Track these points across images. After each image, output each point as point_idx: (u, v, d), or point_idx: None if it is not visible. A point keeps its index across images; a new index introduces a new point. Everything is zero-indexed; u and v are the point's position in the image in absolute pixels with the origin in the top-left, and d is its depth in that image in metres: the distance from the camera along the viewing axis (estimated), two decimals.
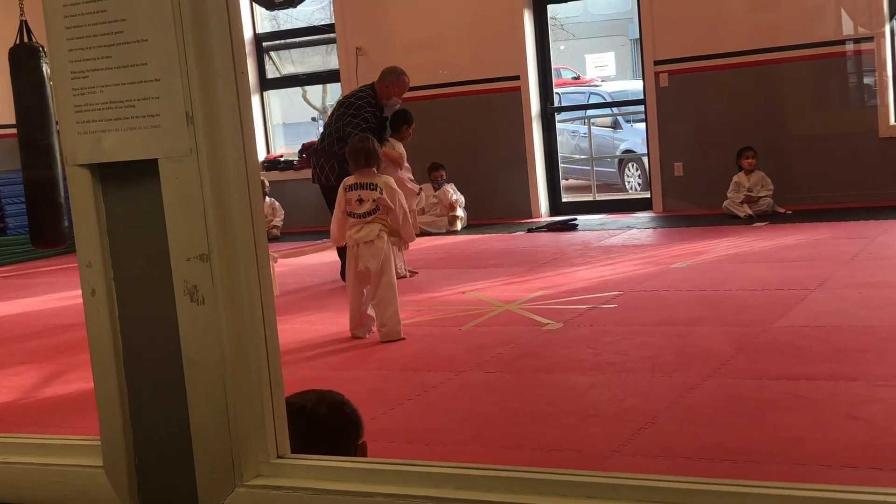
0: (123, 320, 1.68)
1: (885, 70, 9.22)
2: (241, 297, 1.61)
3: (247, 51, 11.76)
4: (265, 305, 1.65)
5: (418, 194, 7.73)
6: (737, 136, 9.48)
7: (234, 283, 1.60)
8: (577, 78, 17.01)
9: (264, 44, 12.19)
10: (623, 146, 13.78)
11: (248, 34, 12.01)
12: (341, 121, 7.50)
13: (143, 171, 1.61)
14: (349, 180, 5.75)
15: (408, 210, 5.91)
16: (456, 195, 10.31)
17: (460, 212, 10.28)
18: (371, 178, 5.68)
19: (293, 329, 6.24)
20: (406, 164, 7.68)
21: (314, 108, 18.80)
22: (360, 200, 5.63)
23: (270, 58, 12.32)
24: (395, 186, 5.83)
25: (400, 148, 7.78)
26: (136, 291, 1.66)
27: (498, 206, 10.71)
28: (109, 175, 1.65)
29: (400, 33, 11.02)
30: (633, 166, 13.46)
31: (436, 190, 10.32)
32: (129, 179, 1.64)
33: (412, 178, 7.59)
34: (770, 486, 1.34)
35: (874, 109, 9.27)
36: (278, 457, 1.66)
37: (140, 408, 1.68)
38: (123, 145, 1.61)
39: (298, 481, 1.60)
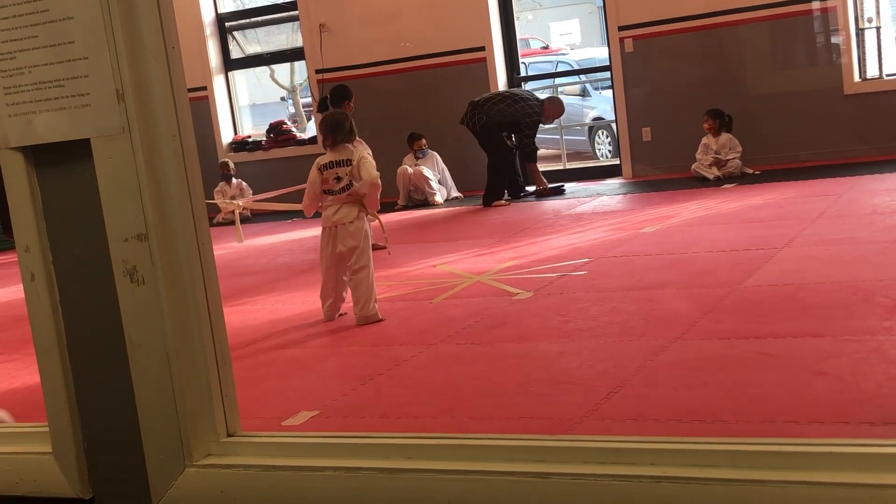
0: (65, 304, 1.66)
1: (849, 27, 9.23)
2: (182, 275, 1.59)
3: (209, 32, 11.72)
4: (208, 282, 1.63)
5: None
6: (703, 99, 9.49)
7: (173, 261, 1.58)
8: (546, 48, 16.96)
9: (227, 24, 12.08)
10: (592, 114, 13.78)
11: (210, 15, 11.90)
12: (523, 112, 9.54)
13: (76, 152, 1.59)
14: (324, 159, 5.63)
15: (379, 181, 5.74)
16: (429, 171, 10.27)
17: (434, 186, 10.24)
18: (346, 155, 5.59)
19: (265, 309, 6.22)
20: (357, 139, 7.62)
21: (283, 87, 18.67)
22: (338, 178, 5.54)
23: (234, 38, 12.21)
24: (369, 158, 5.73)
25: None
26: (76, 274, 1.64)
27: (469, 178, 10.68)
28: (43, 157, 1.63)
29: (362, 8, 10.95)
30: (603, 133, 13.46)
31: (417, 160, 10.28)
32: (62, 161, 1.62)
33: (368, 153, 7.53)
34: (734, 443, 1.34)
35: (839, 67, 9.29)
36: (228, 435, 1.65)
37: (86, 392, 1.67)
38: (54, 126, 1.59)
39: (249, 459, 1.60)
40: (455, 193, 10.40)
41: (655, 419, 3.50)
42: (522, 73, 11.21)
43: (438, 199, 10.18)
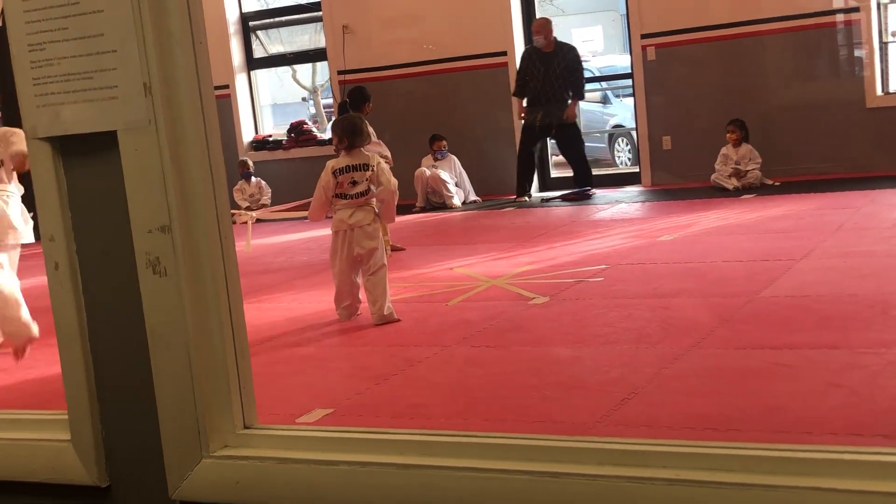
0: (87, 294, 1.68)
1: (872, 41, 9.20)
2: (203, 267, 1.61)
3: (233, 30, 11.78)
4: (229, 276, 1.65)
5: None
6: (724, 109, 9.47)
7: (195, 254, 1.60)
8: None
9: (251, 23, 12.13)
10: (613, 121, 13.77)
11: (234, 14, 11.96)
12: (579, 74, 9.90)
13: (102, 144, 1.61)
14: (339, 163, 5.61)
15: (395, 190, 5.77)
16: (446, 174, 10.29)
17: (452, 189, 10.26)
18: (363, 159, 5.59)
19: (281, 307, 6.25)
20: (375, 140, 7.65)
21: (304, 88, 18.73)
22: (354, 182, 5.54)
23: (257, 37, 12.26)
24: (387, 166, 5.77)
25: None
26: (99, 264, 1.66)
27: (487, 182, 10.70)
28: (70, 148, 1.65)
29: (385, 10, 10.98)
30: (623, 141, 13.45)
31: (436, 161, 10.30)
32: (89, 152, 1.64)
33: (385, 155, 7.56)
34: (749, 448, 1.35)
35: (861, 80, 9.26)
36: (245, 427, 1.67)
37: (105, 381, 1.68)
38: (82, 117, 1.61)
39: (265, 451, 1.61)
40: (473, 197, 10.42)
41: (669, 426, 3.50)
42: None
43: (456, 201, 10.20)
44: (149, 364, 1.63)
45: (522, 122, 10.05)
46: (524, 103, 10.02)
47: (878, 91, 9.27)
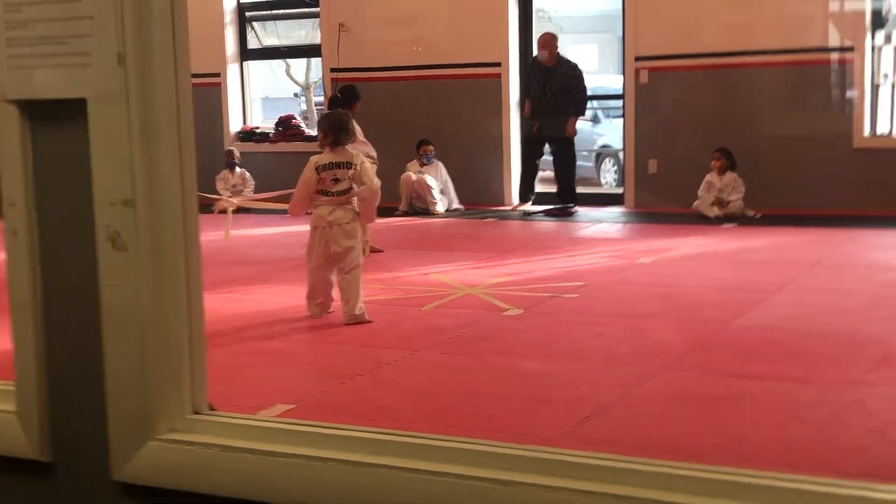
0: (44, 263, 1.64)
1: (864, 82, 9.24)
2: (165, 246, 1.57)
3: (229, 19, 11.73)
4: (190, 256, 1.61)
5: None
6: (712, 137, 9.49)
7: (158, 231, 1.56)
8: None
9: (247, 13, 12.08)
10: (601, 141, 13.78)
11: (231, 3, 11.91)
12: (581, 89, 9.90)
13: (72, 111, 1.57)
14: (323, 159, 5.57)
15: (378, 190, 5.71)
16: (432, 180, 10.26)
17: (436, 196, 10.23)
18: (347, 157, 5.55)
19: (254, 299, 6.20)
20: (362, 139, 7.61)
21: (297, 83, 18.68)
22: (337, 179, 5.50)
23: (253, 28, 12.22)
24: (370, 165, 5.74)
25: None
26: (59, 234, 1.62)
27: (471, 191, 10.68)
28: (38, 113, 1.61)
29: (383, 11, 10.96)
30: (609, 161, 13.46)
31: (422, 166, 10.27)
32: (57, 119, 1.60)
33: (372, 155, 7.52)
34: (702, 470, 1.32)
35: (850, 120, 9.29)
36: (194, 412, 1.63)
37: (56, 354, 1.64)
38: (53, 82, 1.57)
39: (212, 438, 1.57)
40: (456, 205, 10.39)
41: (632, 446, 3.48)
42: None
43: (440, 208, 10.17)
44: (101, 340, 1.59)
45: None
46: (528, 109, 10.05)
47: (866, 132, 9.31)
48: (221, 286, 6.57)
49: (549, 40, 9.92)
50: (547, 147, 10.13)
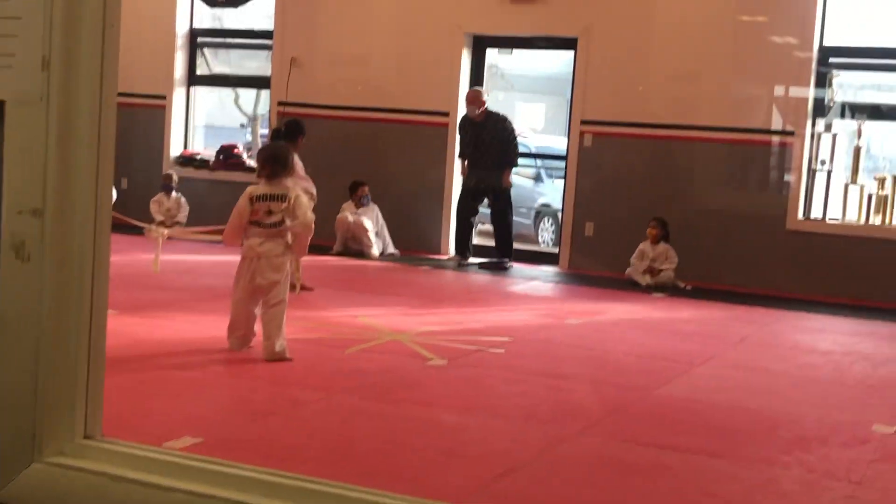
0: None
1: (802, 166, 9.42)
2: (72, 260, 1.51)
3: (180, 43, 11.62)
4: (97, 275, 1.55)
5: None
6: (649, 205, 9.58)
7: (65, 244, 1.50)
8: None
9: (199, 39, 12.00)
10: (542, 200, 13.86)
11: (184, 27, 11.82)
12: (511, 142, 9.94)
13: None
14: (258, 190, 5.50)
15: (311, 224, 5.64)
16: (369, 222, 10.21)
17: (373, 239, 10.17)
18: (282, 190, 5.47)
19: (173, 326, 6.08)
20: (303, 175, 7.55)
21: (244, 114, 18.58)
22: (270, 211, 5.42)
23: (203, 54, 12.13)
24: (305, 197, 5.64)
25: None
26: None
27: (409, 237, 10.65)
28: None
29: (336, 49, 10.95)
30: (548, 220, 13.53)
31: (358, 208, 10.21)
32: None
33: (311, 191, 7.44)
34: None
35: (785, 201, 9.45)
36: (86, 437, 1.56)
37: None
38: None
39: (100, 465, 1.50)
40: (391, 249, 10.34)
41: None
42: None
43: (375, 252, 10.11)
44: None
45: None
46: (466, 164, 10.09)
47: (800, 215, 9.47)
48: (142, 310, 6.43)
49: (477, 96, 10.00)
50: (486, 201, 10.19)
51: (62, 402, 1.51)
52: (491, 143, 9.88)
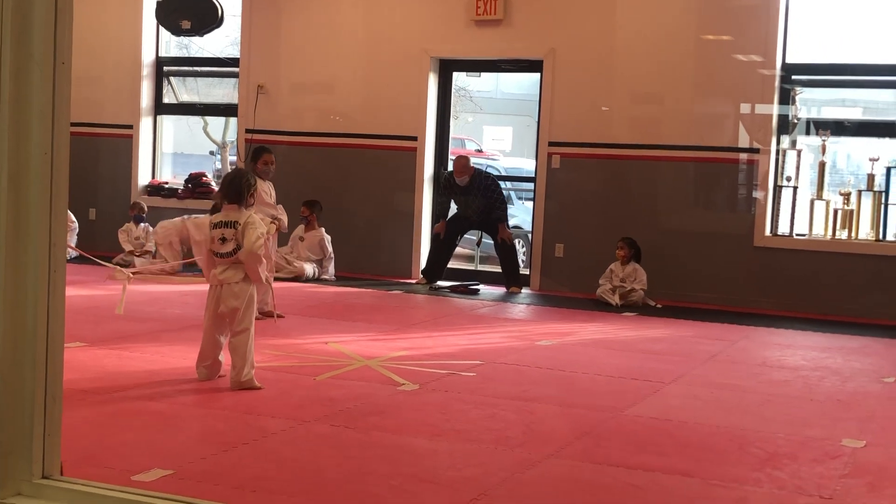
0: None
1: (768, 183, 9.50)
2: (26, 301, 1.50)
3: (146, 72, 11.59)
4: (52, 315, 1.54)
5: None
6: (618, 226, 9.64)
7: (19, 286, 1.49)
8: (480, 151, 17.15)
9: (165, 68, 11.98)
10: (512, 221, 13.87)
11: (150, 56, 11.80)
12: (498, 199, 10.09)
13: None
14: (216, 217, 5.50)
15: (262, 247, 5.45)
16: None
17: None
18: (234, 217, 5.43)
19: (142, 358, 6.04)
20: (271, 202, 7.51)
21: (214, 141, 18.53)
22: (223, 239, 5.39)
23: (170, 83, 12.11)
24: (259, 224, 5.50)
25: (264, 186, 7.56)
26: None
27: (378, 262, 10.66)
28: None
29: (302, 76, 10.97)
30: (518, 242, 13.54)
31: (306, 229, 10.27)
32: None
33: (279, 217, 7.42)
34: None
35: (752, 218, 9.53)
36: (44, 476, 1.55)
37: None
38: None
39: None
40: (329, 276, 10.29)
41: None
42: (449, 169, 11.28)
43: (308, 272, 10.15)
44: None
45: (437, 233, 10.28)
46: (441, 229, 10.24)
47: (767, 231, 9.55)
48: (110, 342, 6.39)
49: (466, 165, 10.07)
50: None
51: (19, 443, 1.50)
52: (479, 205, 10.08)
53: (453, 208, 10.33)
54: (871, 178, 9.48)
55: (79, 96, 9.11)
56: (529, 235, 11.04)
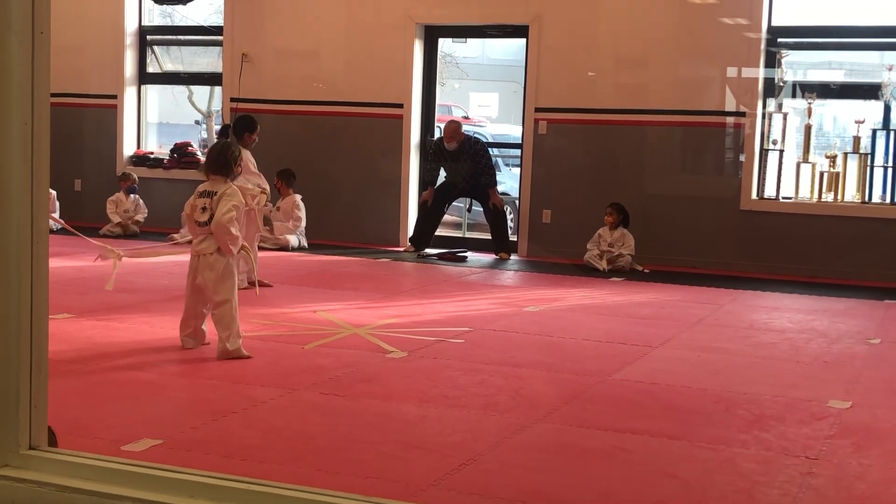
0: None
1: (754, 146, 9.51)
2: (10, 273, 1.50)
3: (129, 41, 11.51)
4: (36, 286, 1.54)
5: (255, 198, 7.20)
6: (606, 191, 9.65)
7: (2, 255, 1.49)
8: (468, 118, 17.11)
9: (148, 37, 11.89)
10: (500, 188, 13.86)
11: (133, 25, 11.71)
12: (486, 165, 10.07)
13: None
14: (202, 186, 5.50)
15: (232, 219, 5.39)
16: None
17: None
18: (215, 188, 5.42)
19: (131, 328, 6.04)
20: (255, 171, 7.46)
21: (199, 111, 18.43)
22: (204, 209, 5.38)
23: (153, 52, 12.02)
24: (234, 195, 5.45)
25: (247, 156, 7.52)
26: None
27: (365, 230, 10.65)
28: None
29: (286, 43, 10.91)
30: (506, 209, 13.54)
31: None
32: None
33: (262, 186, 7.35)
34: None
35: (738, 182, 9.55)
36: (31, 447, 1.55)
37: None
38: None
39: (45, 476, 1.49)
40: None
41: (500, 497, 3.45)
42: (436, 136, 11.25)
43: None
44: None
45: (424, 201, 10.27)
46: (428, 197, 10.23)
47: (754, 195, 9.57)
48: (98, 313, 6.39)
49: (457, 130, 10.04)
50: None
51: (5, 414, 1.50)
52: (470, 168, 10.04)
53: (443, 176, 10.32)
54: (856, 140, 9.51)
55: (62, 66, 9.07)
56: (517, 202, 11.04)
